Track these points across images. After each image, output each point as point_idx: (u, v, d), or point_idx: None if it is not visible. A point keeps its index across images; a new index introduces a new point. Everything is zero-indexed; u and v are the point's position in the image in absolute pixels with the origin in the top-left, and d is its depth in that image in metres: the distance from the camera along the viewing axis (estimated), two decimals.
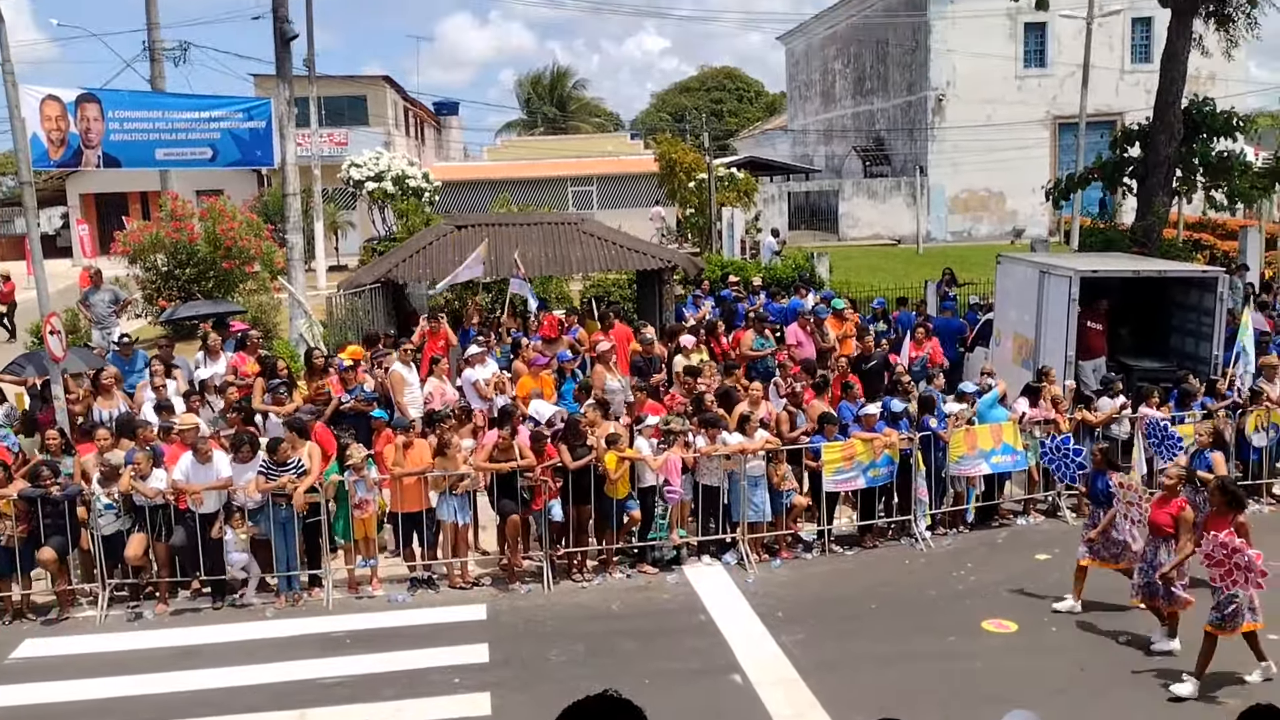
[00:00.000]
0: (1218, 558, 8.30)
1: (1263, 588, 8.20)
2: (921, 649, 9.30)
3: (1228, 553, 8.22)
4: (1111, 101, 39.16)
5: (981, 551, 11.82)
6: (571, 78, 69.94)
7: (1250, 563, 8.15)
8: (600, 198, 41.94)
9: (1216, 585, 8.32)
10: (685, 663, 9.17)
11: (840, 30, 50.36)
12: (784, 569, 11.45)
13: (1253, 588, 8.20)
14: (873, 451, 11.78)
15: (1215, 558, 8.32)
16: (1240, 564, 8.18)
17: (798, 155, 55.50)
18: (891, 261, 33.17)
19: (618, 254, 17.00)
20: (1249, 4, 20.75)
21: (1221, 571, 8.27)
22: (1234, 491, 8.79)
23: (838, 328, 16.14)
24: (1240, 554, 8.18)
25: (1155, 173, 20.20)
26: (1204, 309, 14.27)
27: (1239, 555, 8.18)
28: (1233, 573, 8.21)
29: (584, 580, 11.08)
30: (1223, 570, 8.26)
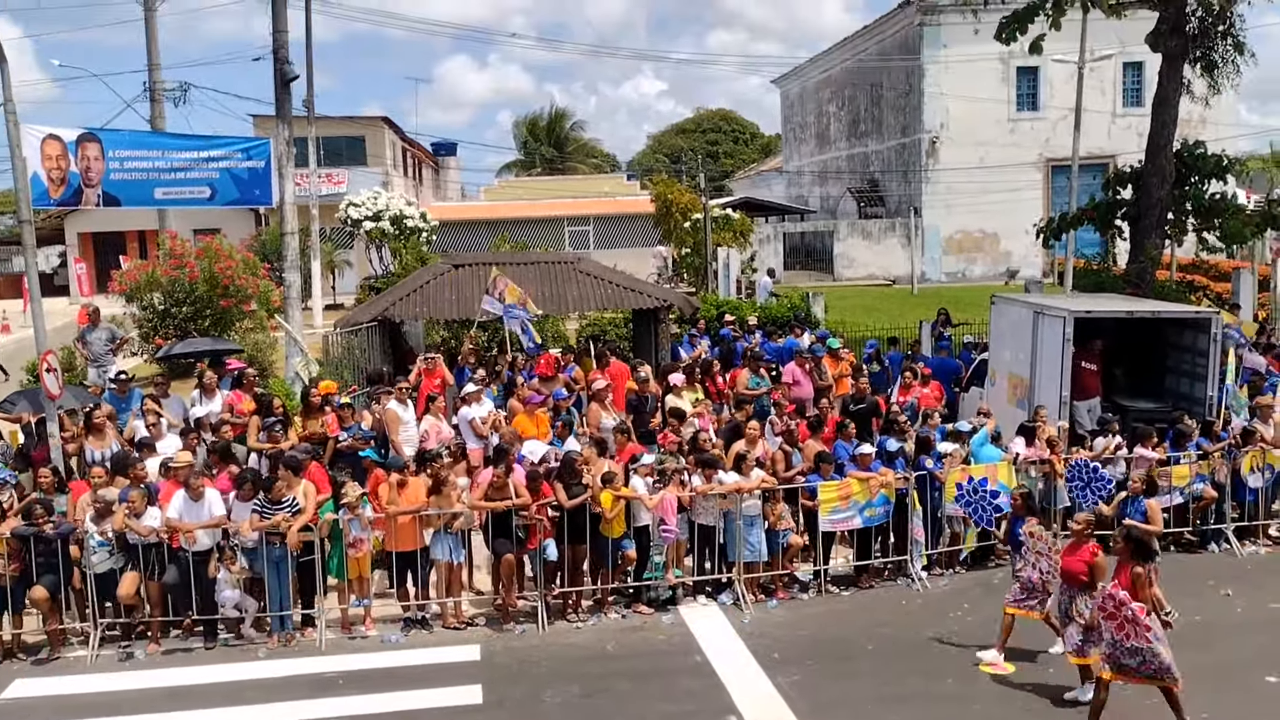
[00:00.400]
0: (1109, 609, 8.13)
1: (1150, 643, 7.95)
2: (918, 690, 9.24)
3: (1116, 605, 8.04)
4: (1104, 144, 39.54)
5: (977, 592, 11.77)
6: (569, 119, 70.63)
7: (1135, 616, 7.95)
8: (597, 238, 42.15)
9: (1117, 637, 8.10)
10: (681, 704, 9.10)
11: (835, 74, 50.92)
12: (780, 609, 11.39)
13: (1141, 641, 7.98)
14: (869, 491, 11.76)
15: (1106, 609, 8.15)
16: (1128, 617, 7.98)
17: (793, 196, 55.90)
18: (886, 302, 33.29)
19: (614, 293, 17.06)
20: (1236, 50, 21.04)
21: (1114, 625, 8.07)
22: (1140, 541, 8.48)
23: (834, 367, 16.18)
24: (1126, 607, 7.98)
25: (1148, 215, 20.36)
26: (1198, 350, 14.32)
27: (1126, 608, 7.98)
28: (1124, 626, 8.01)
29: (579, 620, 11.01)
30: (1115, 623, 8.07)
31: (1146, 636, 7.96)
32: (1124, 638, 8.04)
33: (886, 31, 44.40)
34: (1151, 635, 7.99)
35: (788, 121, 59.41)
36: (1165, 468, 12.69)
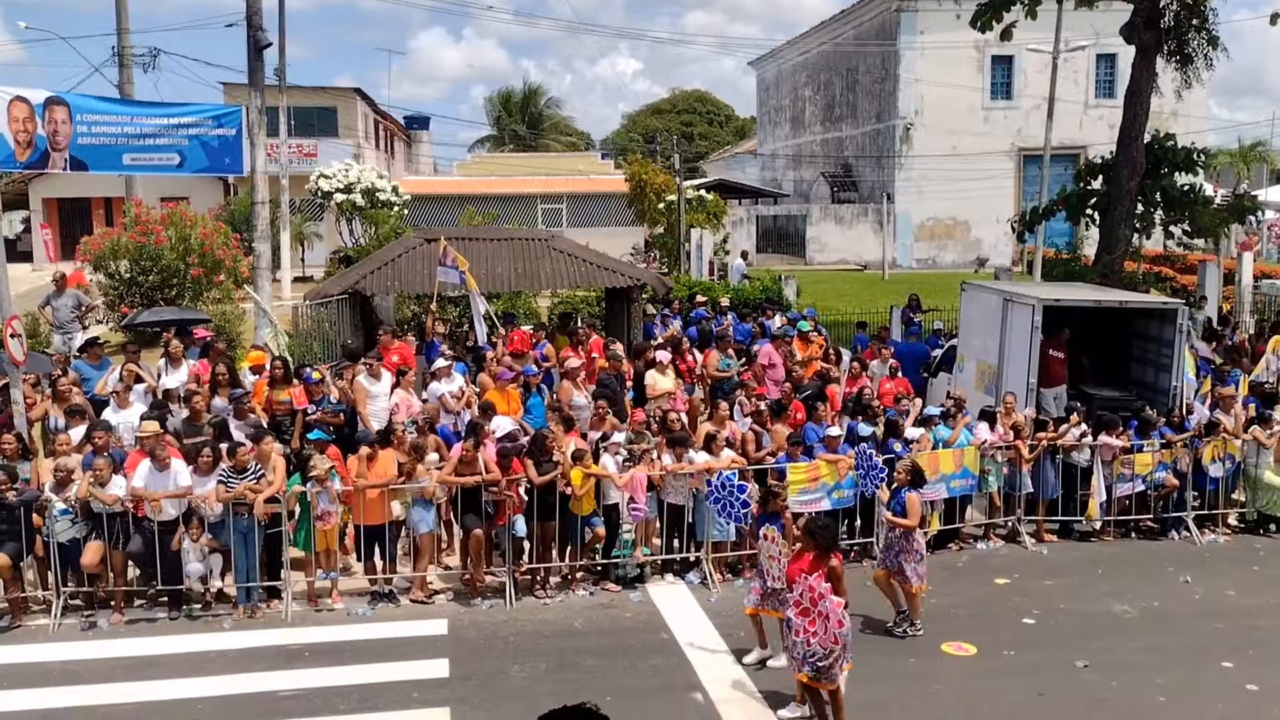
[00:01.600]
0: (804, 604, 7.96)
1: (838, 642, 7.84)
2: (882, 670, 9.34)
3: (814, 598, 7.91)
4: (1075, 135, 39.81)
5: (942, 575, 11.88)
6: (543, 96, 70.18)
7: (830, 611, 7.85)
8: (570, 216, 41.99)
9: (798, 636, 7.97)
10: (646, 681, 9.15)
11: (811, 57, 50.91)
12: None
13: (827, 641, 7.84)
14: (837, 473, 11.84)
15: (802, 605, 7.98)
16: (822, 612, 7.87)
17: (766, 179, 55.95)
18: (857, 286, 33.45)
19: (587, 270, 17.02)
20: (1209, 44, 21.21)
21: (805, 621, 7.92)
22: (817, 534, 8.29)
23: (804, 350, 16.23)
24: (825, 600, 7.86)
25: (1118, 206, 20.52)
26: (1164, 340, 14.50)
27: (823, 602, 7.86)
28: (814, 622, 7.87)
29: (546, 597, 11.03)
30: (807, 620, 7.91)
31: (835, 635, 7.83)
32: (810, 637, 7.86)
33: (863, 17, 44.42)
34: (841, 634, 7.87)
35: (763, 104, 59.39)
36: (1129, 455, 12.88)
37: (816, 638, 7.88)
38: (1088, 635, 10.13)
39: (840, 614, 7.95)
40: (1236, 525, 13.48)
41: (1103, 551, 12.70)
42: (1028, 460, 12.83)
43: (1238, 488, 13.55)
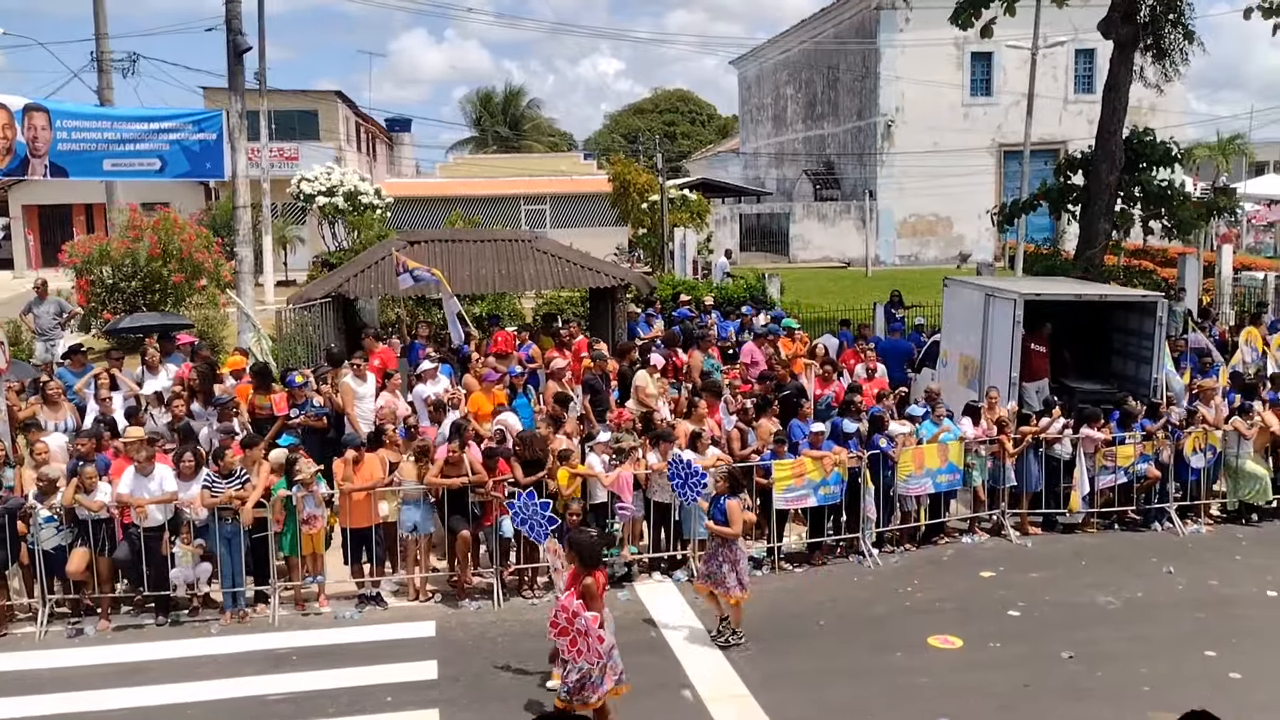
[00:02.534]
0: (561, 624, 7.62)
1: (602, 657, 7.56)
2: (869, 665, 9.40)
3: (569, 618, 7.56)
4: (1055, 130, 40.05)
5: (928, 569, 11.97)
6: (525, 97, 70.18)
7: (588, 628, 7.51)
8: (553, 217, 42.01)
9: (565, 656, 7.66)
10: (635, 678, 9.12)
11: (792, 56, 51.05)
12: None
13: (592, 657, 7.54)
14: (823, 470, 11.90)
15: (559, 624, 7.63)
16: (580, 630, 7.53)
17: (749, 178, 56.08)
18: (841, 283, 33.56)
19: (571, 271, 17.04)
20: (1185, 39, 21.40)
21: (567, 641, 7.59)
22: (581, 549, 7.84)
23: (789, 348, 16.29)
24: (579, 618, 7.52)
25: (1097, 200, 20.68)
26: (1143, 333, 14.61)
27: (579, 620, 7.52)
28: (576, 641, 7.55)
29: (534, 597, 11.05)
30: (568, 640, 7.58)
31: (598, 651, 7.54)
32: (575, 655, 7.58)
33: (844, 15, 44.57)
34: (604, 650, 7.60)
35: (745, 103, 59.52)
36: (1110, 448, 12.98)
37: (583, 655, 7.53)
38: (1072, 626, 10.21)
39: (598, 630, 7.55)
40: (1218, 515, 13.60)
41: (1086, 543, 12.80)
42: (1011, 454, 12.92)
43: (1219, 478, 13.66)
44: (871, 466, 12.16)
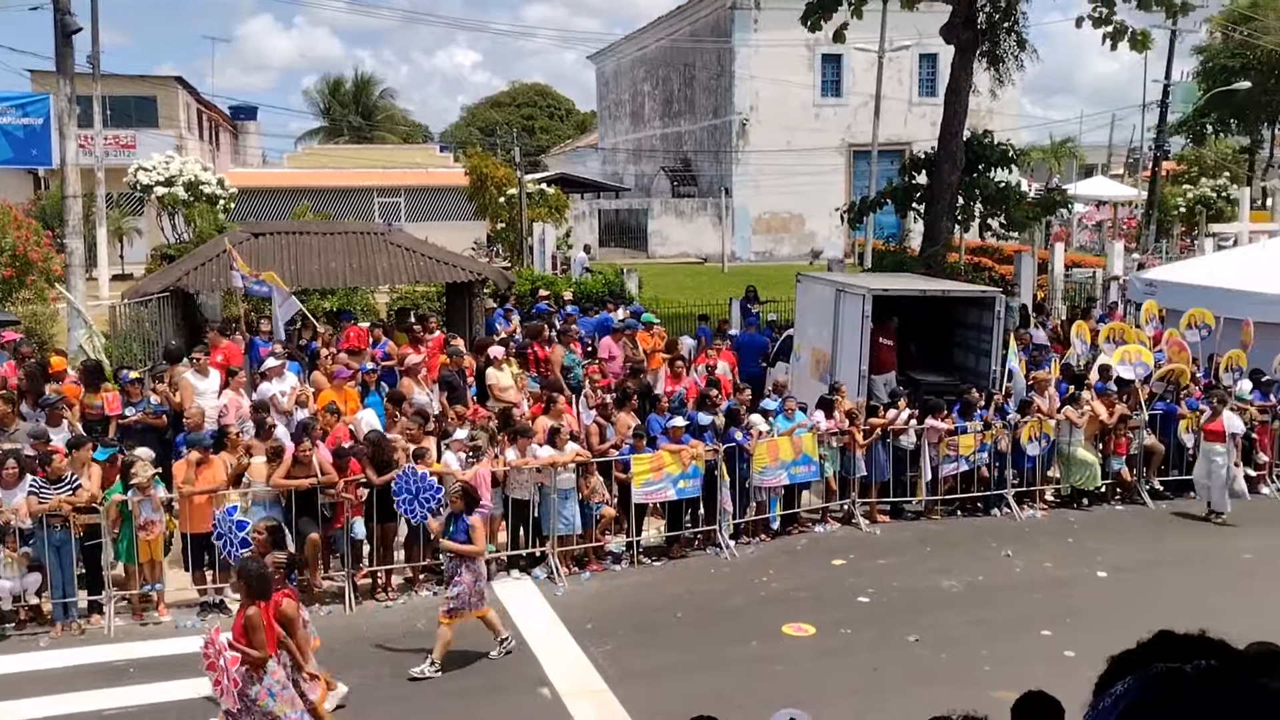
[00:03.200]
0: (210, 659, 6.96)
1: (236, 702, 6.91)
2: (726, 655, 9.52)
3: (215, 652, 6.93)
4: (901, 131, 41.42)
5: (782, 559, 12.20)
6: (377, 86, 68.48)
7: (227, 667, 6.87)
8: (408, 210, 41.18)
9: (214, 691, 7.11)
10: (492, 678, 9.06)
11: (649, 52, 51.37)
12: (593, 581, 11.49)
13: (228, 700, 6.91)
14: (681, 463, 11.99)
15: (208, 656, 6.98)
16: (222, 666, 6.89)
17: (608, 173, 56.18)
18: (698, 279, 33.95)
19: (426, 265, 16.71)
20: (1019, 46, 22.45)
21: (213, 676, 7.01)
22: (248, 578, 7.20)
23: (647, 342, 16.38)
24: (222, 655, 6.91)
25: (940, 199, 21.48)
26: (984, 327, 15.22)
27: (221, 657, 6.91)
28: (219, 680, 6.94)
29: (389, 600, 10.79)
30: (214, 675, 6.99)
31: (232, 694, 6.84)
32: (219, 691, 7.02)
33: (699, 13, 45.08)
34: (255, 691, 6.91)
35: (603, 99, 59.59)
36: (953, 438, 13.49)
37: (224, 694, 6.92)
38: (918, 611, 10.56)
39: (235, 672, 6.89)
40: (1052, 500, 14.30)
41: (931, 530, 13.28)
42: (861, 445, 13.29)
43: (1053, 465, 14.36)
44: (727, 460, 12.32)
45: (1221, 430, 13.45)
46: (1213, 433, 13.55)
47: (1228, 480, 13.46)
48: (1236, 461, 13.69)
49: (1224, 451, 13.41)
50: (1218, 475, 13.43)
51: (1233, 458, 13.54)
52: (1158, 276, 19.17)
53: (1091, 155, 55.54)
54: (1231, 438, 13.51)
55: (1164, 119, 36.55)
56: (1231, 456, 13.50)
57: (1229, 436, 13.46)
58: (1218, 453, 13.44)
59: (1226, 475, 13.43)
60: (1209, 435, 13.61)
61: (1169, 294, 17.39)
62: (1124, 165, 52.26)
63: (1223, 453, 13.41)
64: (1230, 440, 13.48)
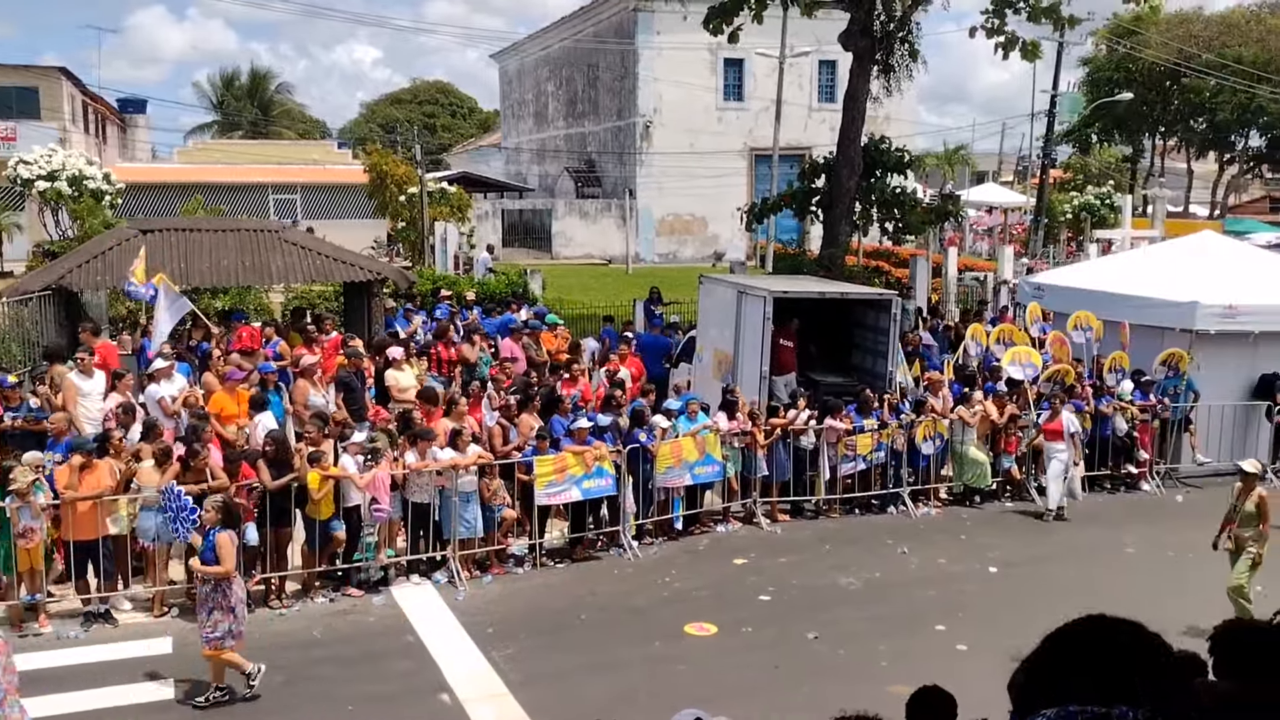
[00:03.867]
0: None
1: None
2: (628, 656, 9.51)
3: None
4: (801, 136, 42.07)
5: (685, 559, 12.26)
6: (273, 80, 66.92)
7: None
8: (305, 208, 40.30)
9: None
10: (391, 685, 8.90)
11: (553, 52, 51.22)
12: (495, 584, 11.38)
13: None
14: (584, 464, 11.95)
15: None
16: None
17: (511, 173, 55.84)
18: (602, 280, 33.95)
19: (323, 264, 16.34)
20: (911, 56, 23.03)
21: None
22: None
23: (551, 343, 16.29)
24: None
25: (839, 203, 21.86)
26: (880, 329, 15.53)
27: None
28: None
29: (283, 607, 10.51)
30: None
31: None
32: None
33: (602, 15, 45.12)
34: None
35: (506, 98, 59.20)
36: (852, 437, 13.73)
37: None
38: (818, 608, 10.72)
39: None
40: (946, 498, 14.66)
41: (829, 528, 13.49)
42: (762, 445, 13.43)
43: (946, 464, 14.72)
44: (631, 461, 12.32)
45: (1060, 430, 13.81)
46: (1052, 432, 13.92)
47: (1065, 478, 13.85)
48: (1076, 460, 14.10)
49: (1063, 449, 13.80)
50: (1055, 472, 13.79)
51: (1071, 457, 13.93)
52: (1045, 280, 19.80)
53: (983, 162, 57.26)
54: (1070, 437, 13.88)
55: (1051, 128, 37.82)
56: (1070, 455, 13.89)
57: (1068, 436, 13.83)
58: (1057, 451, 13.83)
59: (1065, 473, 13.83)
60: (1048, 435, 13.99)
61: (1056, 297, 17.97)
62: (1014, 172, 54.00)
63: (1062, 450, 13.80)
64: (1069, 440, 13.87)
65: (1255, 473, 10.14)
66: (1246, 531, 9.80)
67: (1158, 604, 10.41)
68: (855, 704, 8.29)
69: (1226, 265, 16.81)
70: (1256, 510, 9.82)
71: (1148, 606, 9.54)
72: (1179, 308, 15.59)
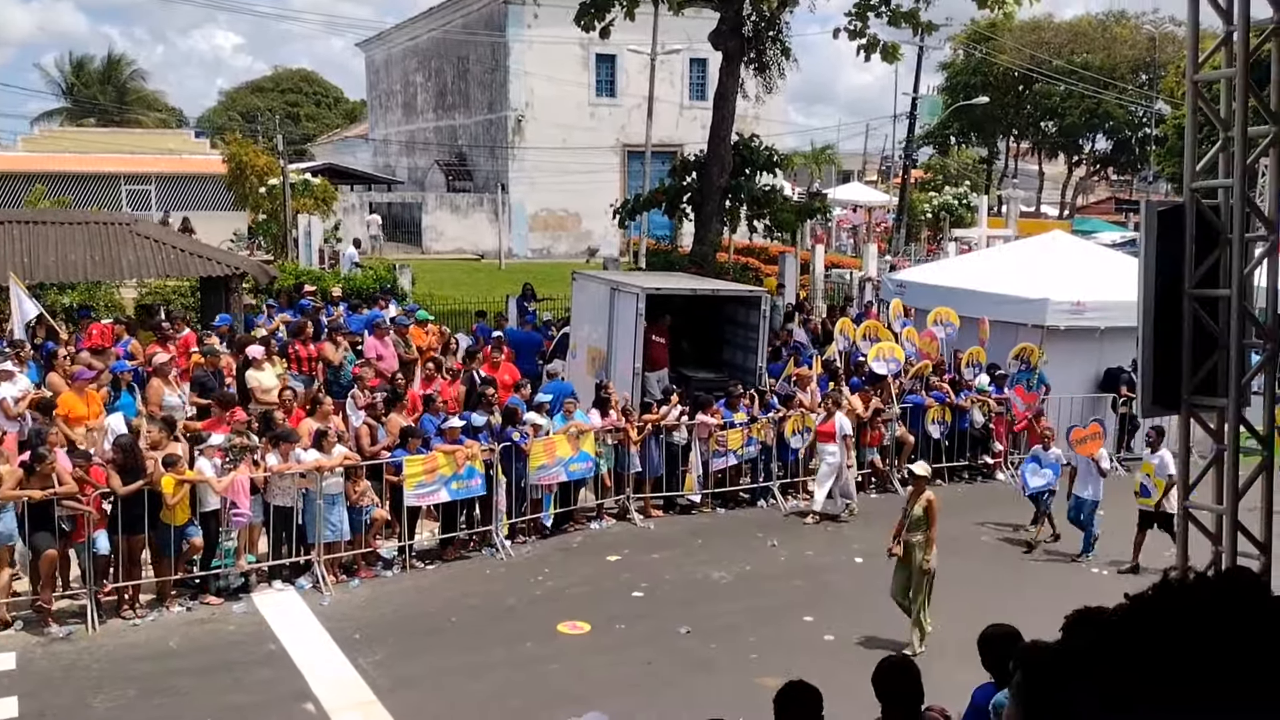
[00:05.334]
0: None
1: None
2: (501, 657, 9.41)
3: None
4: (673, 133, 42.33)
5: (558, 557, 12.20)
6: (128, 66, 63.88)
7: None
8: (160, 199, 38.63)
9: None
10: (252, 695, 8.60)
11: (421, 43, 50.32)
12: (363, 588, 11.11)
13: None
14: (455, 464, 11.76)
15: None
16: None
17: (380, 165, 54.66)
18: (475, 276, 33.55)
19: (178, 258, 15.68)
20: (782, 55, 23.43)
21: None
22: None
23: (422, 339, 15.99)
24: None
25: (709, 201, 22.11)
26: (750, 325, 15.75)
27: None
28: None
29: (136, 617, 10.04)
30: None
31: None
32: None
33: (472, 6, 44.52)
34: None
35: (373, 88, 57.88)
36: (722, 432, 13.89)
37: None
38: (690, 602, 10.81)
39: None
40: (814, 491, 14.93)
41: (702, 523, 13.62)
42: (635, 441, 13.47)
43: (815, 457, 15.01)
44: (504, 458, 12.20)
45: (833, 431, 13.63)
46: (825, 434, 13.74)
47: (835, 479, 13.62)
48: (849, 463, 13.91)
49: (833, 452, 13.60)
50: (823, 474, 13.64)
51: (843, 459, 13.69)
52: (907, 278, 20.41)
53: (848, 162, 58.69)
54: (844, 439, 13.69)
55: (912, 130, 39.06)
56: (841, 458, 13.65)
57: (840, 439, 13.62)
58: (828, 453, 13.64)
59: (834, 476, 13.61)
60: (821, 437, 13.80)
61: (917, 294, 18.54)
62: (878, 172, 55.57)
63: (833, 452, 13.60)
64: (841, 442, 13.65)
65: (924, 475, 9.96)
66: (916, 535, 9.51)
67: (1017, 592, 10.88)
68: (726, 697, 8.43)
69: (1075, 264, 17.62)
70: (924, 514, 9.53)
71: (1008, 595, 9.94)
72: (1031, 304, 16.27)
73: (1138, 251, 6.38)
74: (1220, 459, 6.31)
